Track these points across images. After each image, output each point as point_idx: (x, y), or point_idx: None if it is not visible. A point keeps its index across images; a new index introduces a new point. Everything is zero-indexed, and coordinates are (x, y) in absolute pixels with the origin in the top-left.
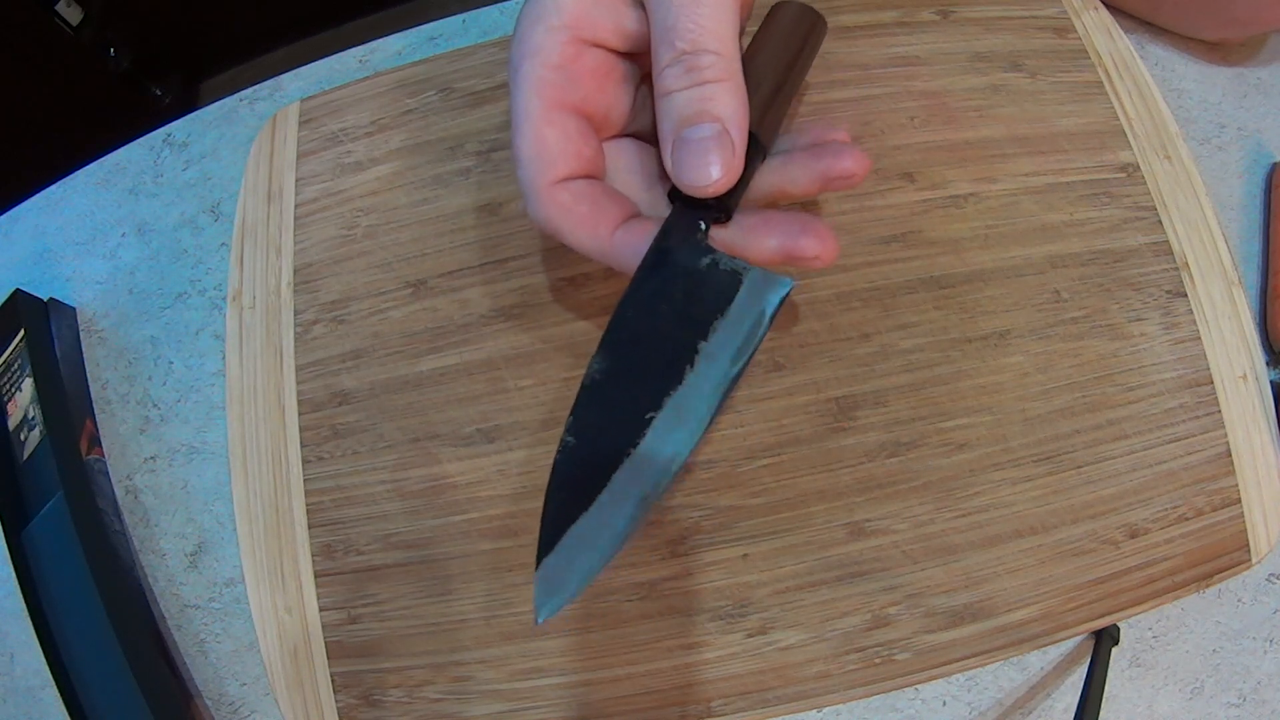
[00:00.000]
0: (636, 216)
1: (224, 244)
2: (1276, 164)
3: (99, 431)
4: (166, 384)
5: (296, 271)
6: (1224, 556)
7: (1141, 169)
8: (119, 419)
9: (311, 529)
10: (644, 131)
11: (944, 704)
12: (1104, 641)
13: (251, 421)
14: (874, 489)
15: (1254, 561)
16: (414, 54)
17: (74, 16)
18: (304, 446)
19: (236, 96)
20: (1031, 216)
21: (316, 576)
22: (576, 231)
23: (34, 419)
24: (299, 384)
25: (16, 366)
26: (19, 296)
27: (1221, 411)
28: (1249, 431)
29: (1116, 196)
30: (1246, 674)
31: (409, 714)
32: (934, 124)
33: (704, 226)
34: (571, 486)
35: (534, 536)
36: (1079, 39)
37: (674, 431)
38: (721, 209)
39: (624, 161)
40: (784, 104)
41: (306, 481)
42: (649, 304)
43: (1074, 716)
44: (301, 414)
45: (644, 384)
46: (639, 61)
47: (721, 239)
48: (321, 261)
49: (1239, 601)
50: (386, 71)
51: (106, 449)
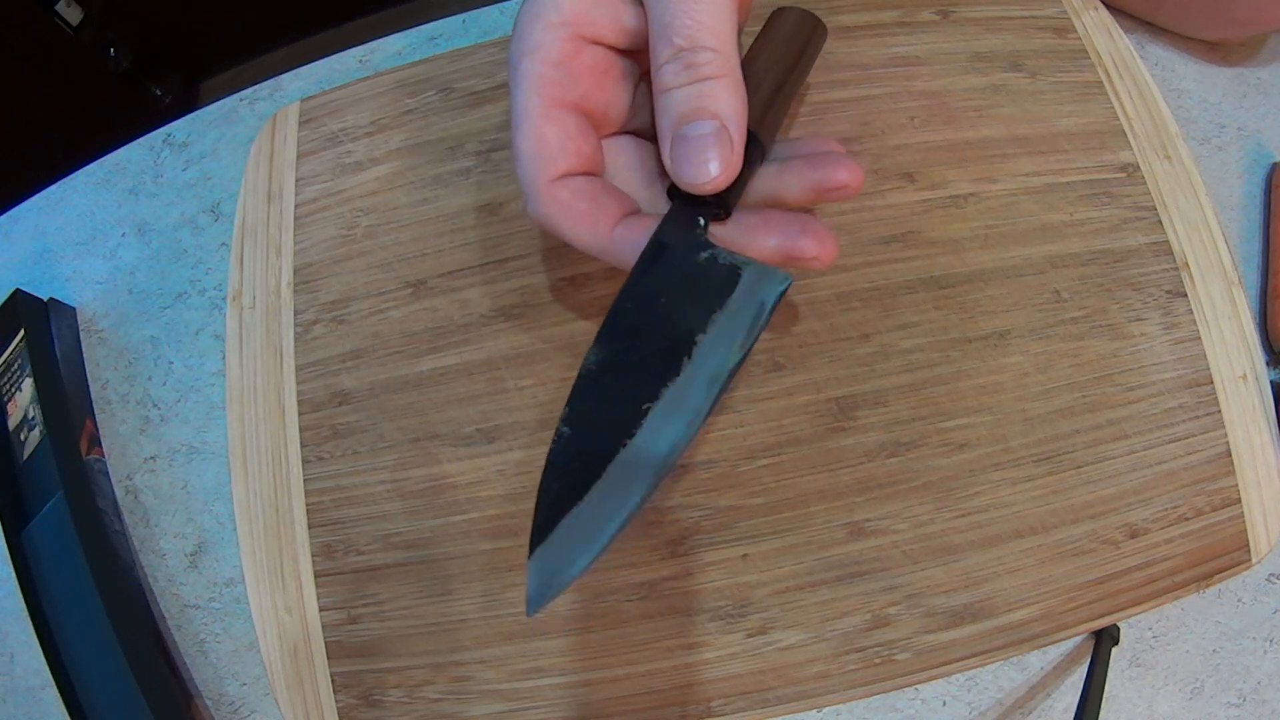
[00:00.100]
0: (636, 213)
1: (224, 244)
2: (1276, 164)
3: (99, 431)
4: (166, 384)
5: (296, 271)
6: (1224, 556)
7: (1141, 169)
8: (119, 419)
9: (311, 529)
10: (643, 129)
11: (944, 704)
12: (1104, 641)
13: (251, 421)
14: (874, 489)
15: (1254, 561)
16: (414, 54)
17: (74, 16)
18: (304, 446)
19: (236, 96)
20: (1031, 216)
21: (316, 576)
22: (576, 228)
23: (34, 419)
24: (299, 384)
25: (16, 366)
26: (19, 296)
27: (1221, 411)
28: (1249, 431)
29: (1116, 196)
30: (1246, 674)
31: (409, 714)
32: (934, 124)
33: (703, 223)
34: (566, 477)
35: None
36: (1079, 39)
37: (669, 424)
38: (721, 206)
39: (623, 158)
40: (784, 105)
41: (306, 481)
42: (647, 297)
43: (1074, 716)
44: (301, 414)
45: (641, 376)
46: (638, 59)
47: (721, 237)
48: (321, 261)
49: (1239, 601)
50: (386, 71)
51: (106, 449)
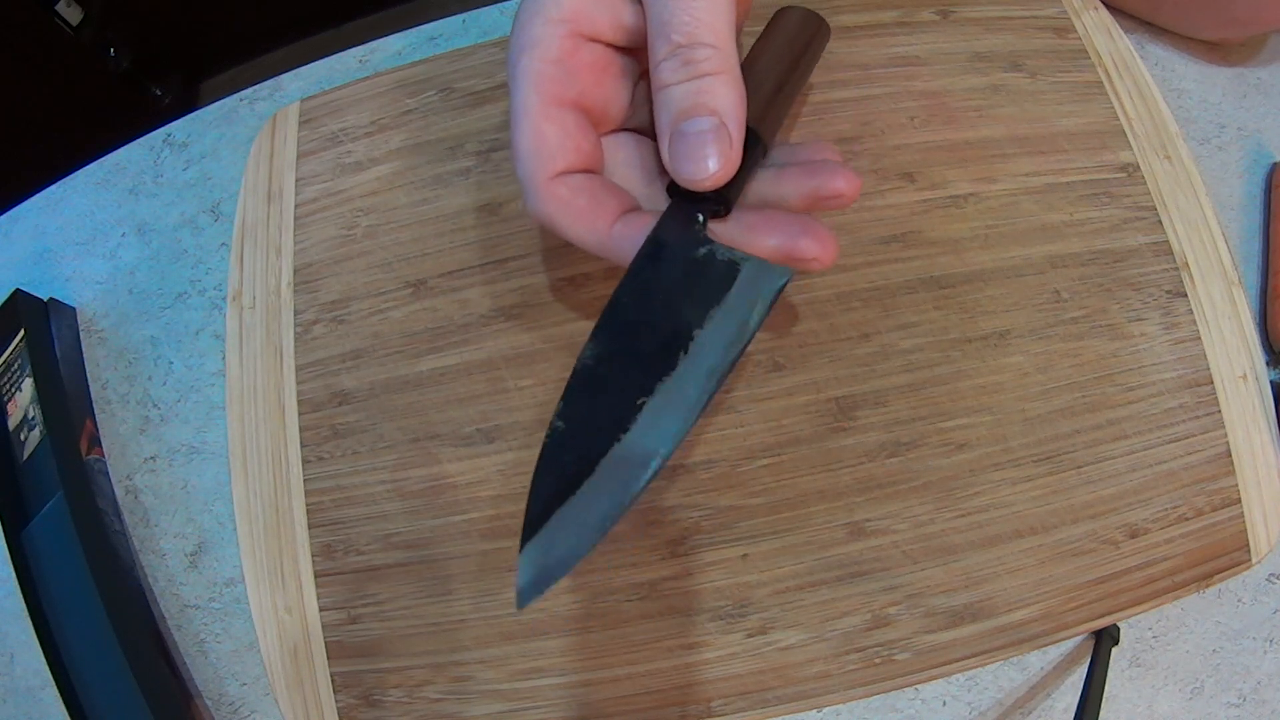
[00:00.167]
0: (635, 210)
1: (224, 244)
2: (1276, 164)
3: (99, 431)
4: (166, 384)
5: (296, 271)
6: (1224, 556)
7: (1141, 169)
8: (119, 419)
9: (311, 529)
10: (643, 126)
11: (944, 704)
12: (1104, 641)
13: (251, 421)
14: (874, 489)
15: (1254, 561)
16: (414, 54)
17: (74, 16)
18: (304, 446)
19: (236, 96)
20: (1031, 216)
21: (316, 576)
22: (575, 225)
23: (34, 419)
24: (299, 384)
25: (16, 366)
26: (19, 296)
27: (1221, 411)
28: (1249, 431)
29: (1116, 196)
30: (1246, 674)
31: (409, 714)
32: (934, 124)
33: (701, 219)
34: (559, 471)
35: None
36: (1079, 39)
37: (664, 418)
38: (720, 202)
39: (623, 155)
40: (785, 103)
41: (306, 481)
42: (644, 292)
43: (1074, 716)
44: (301, 414)
45: (636, 370)
46: (637, 56)
47: (720, 235)
48: (321, 261)
49: (1239, 601)
50: (386, 71)
51: (106, 449)
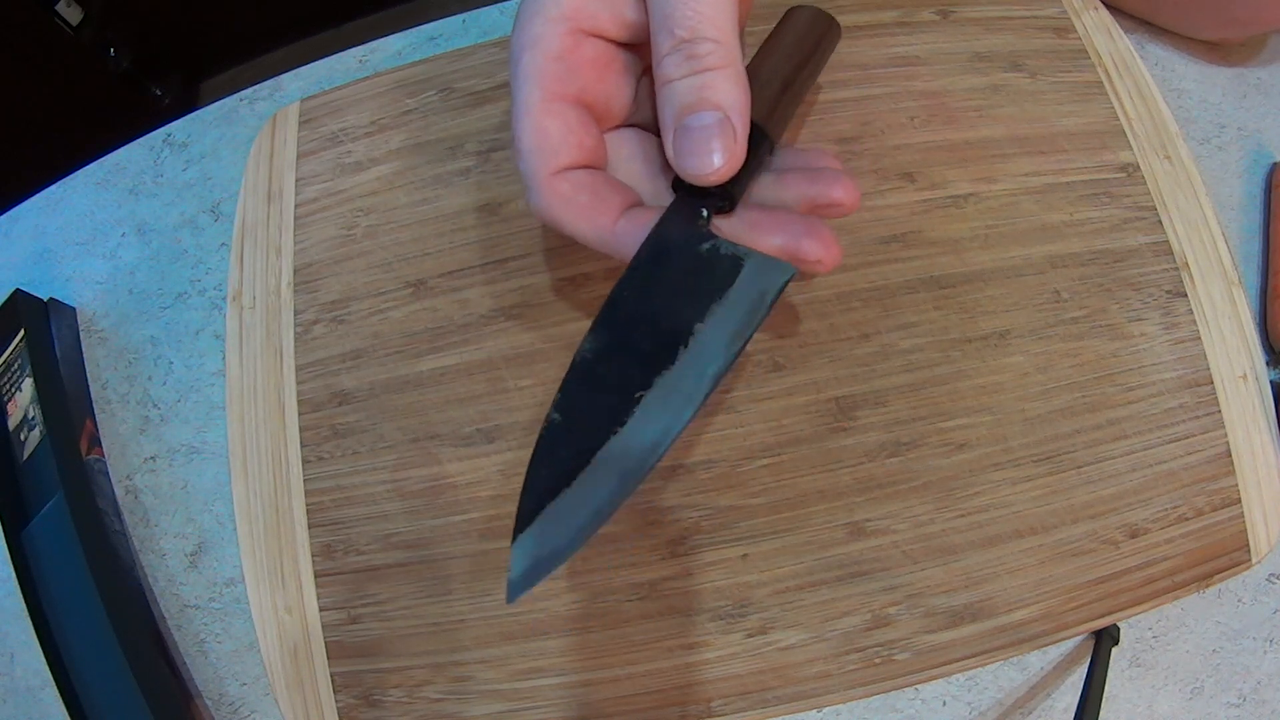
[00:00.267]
0: (638, 205)
1: (224, 244)
2: (1276, 164)
3: (99, 431)
4: (166, 384)
5: (296, 271)
6: (1224, 556)
7: (1141, 169)
8: (119, 419)
9: (311, 529)
10: (646, 123)
11: (944, 704)
12: (1104, 641)
13: (251, 421)
14: (874, 489)
15: (1254, 561)
16: (414, 54)
17: (74, 16)
18: (304, 446)
19: (236, 96)
20: (1031, 216)
21: (316, 576)
22: (578, 221)
23: (34, 419)
24: (299, 384)
25: (16, 366)
26: (19, 296)
27: (1221, 411)
28: (1249, 431)
29: (1116, 196)
30: (1246, 674)
31: (409, 714)
32: (934, 124)
33: (705, 214)
34: (554, 462)
35: None
36: (1079, 39)
37: (662, 412)
38: (725, 198)
39: (626, 152)
40: (793, 101)
41: (306, 481)
42: (646, 285)
43: (1074, 716)
44: (301, 414)
45: (636, 363)
46: (639, 53)
47: (724, 231)
48: (321, 261)
49: (1239, 601)
50: (386, 71)
51: (106, 449)
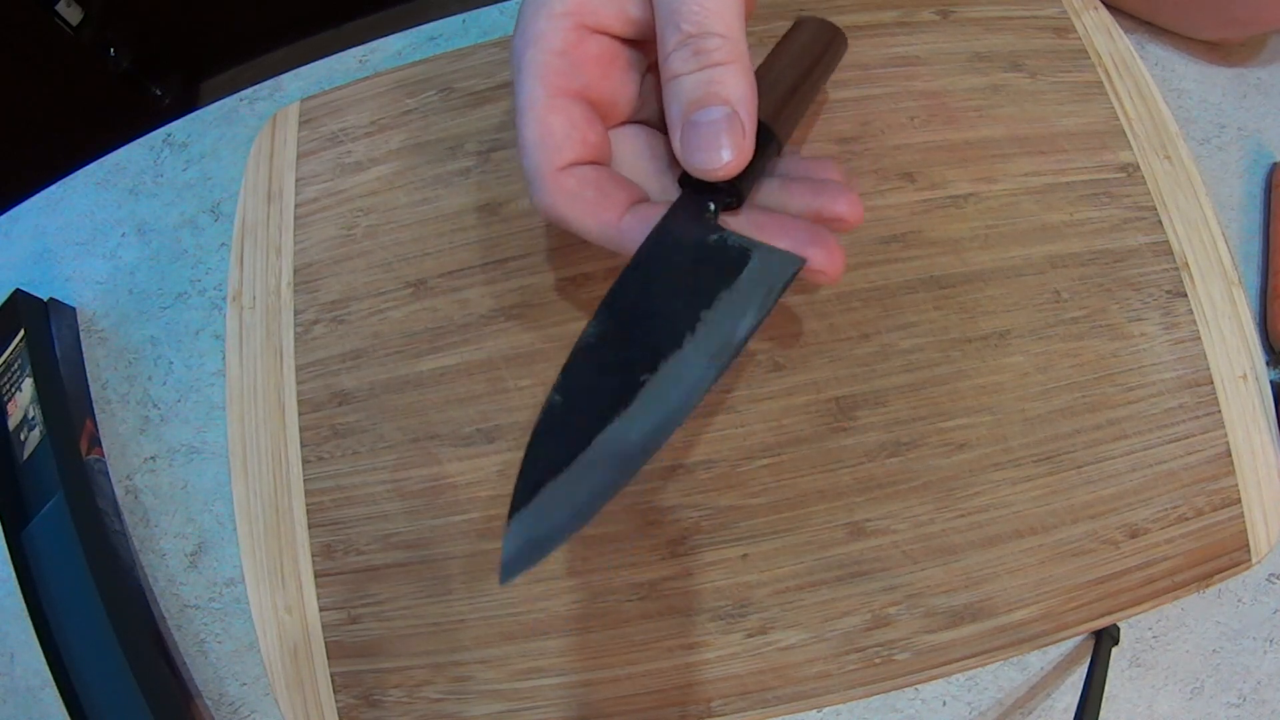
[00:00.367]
0: (644, 201)
1: (224, 244)
2: (1276, 164)
3: (99, 431)
4: (166, 384)
5: (296, 271)
6: (1224, 556)
7: (1141, 169)
8: (119, 419)
9: (311, 529)
10: (651, 119)
11: (944, 704)
12: (1104, 641)
13: (251, 421)
14: (874, 489)
15: (1254, 561)
16: (414, 54)
17: (74, 16)
18: (304, 446)
19: (236, 96)
20: (1031, 216)
21: (316, 576)
22: (583, 218)
23: (34, 419)
24: (299, 384)
25: (16, 366)
26: (19, 296)
27: (1221, 411)
28: (1249, 431)
29: (1116, 196)
30: (1246, 674)
31: (409, 714)
32: (934, 124)
33: (713, 208)
34: (553, 444)
35: None
36: (1079, 39)
37: (665, 398)
38: (733, 194)
39: (632, 148)
40: (800, 104)
41: (306, 481)
42: (652, 273)
43: (1074, 716)
44: (301, 414)
45: (641, 348)
46: (643, 49)
47: (730, 228)
48: (321, 261)
49: (1239, 601)
50: (386, 71)
51: (106, 449)
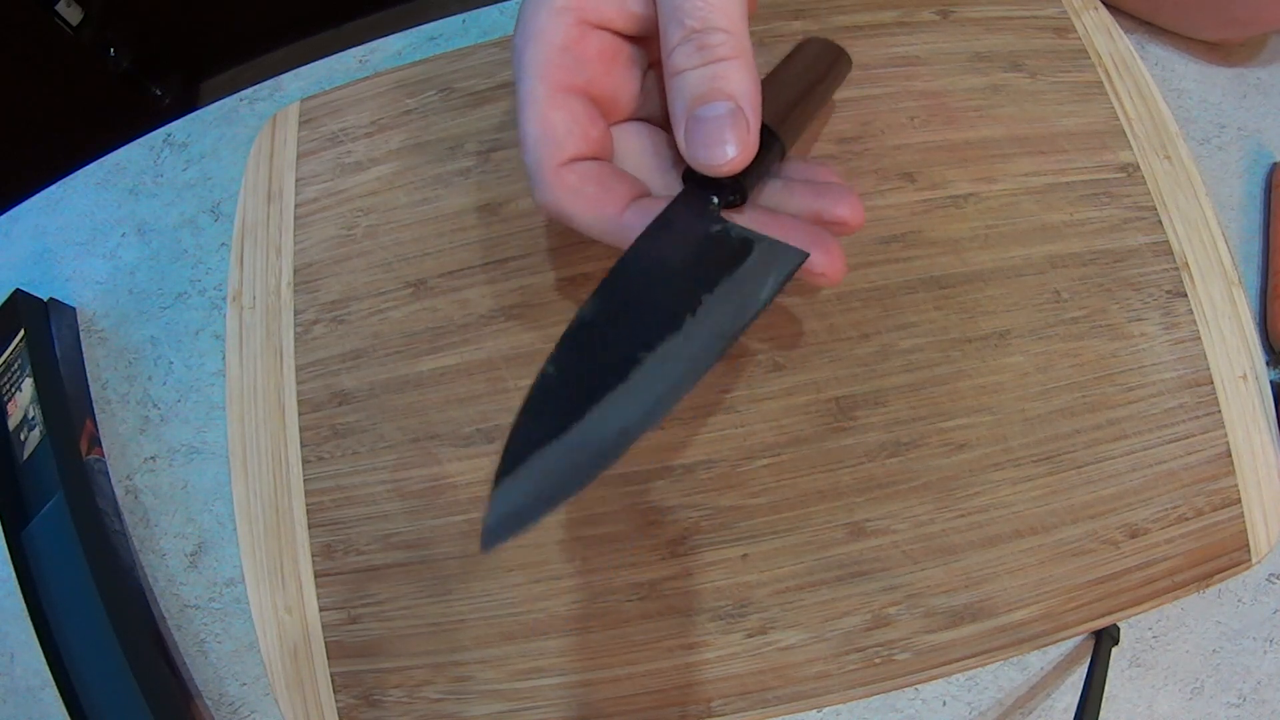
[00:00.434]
0: (646, 196)
1: (224, 244)
2: (1276, 164)
3: (99, 431)
4: (166, 384)
5: (296, 271)
6: (1224, 556)
7: (1141, 169)
8: (119, 419)
9: (311, 529)
10: (653, 116)
11: (944, 704)
12: (1104, 641)
13: (251, 421)
14: (874, 489)
15: (1254, 561)
16: (414, 54)
17: (74, 16)
18: (304, 446)
19: (236, 96)
20: (1031, 216)
21: (316, 576)
22: (585, 213)
23: (34, 419)
24: (299, 384)
25: (16, 366)
26: (19, 296)
27: (1221, 411)
28: (1249, 431)
29: (1116, 196)
30: (1246, 674)
31: (409, 714)
32: (934, 124)
33: (716, 202)
34: (544, 414)
35: (537, 538)
36: (1079, 39)
37: (664, 374)
38: (736, 190)
39: (634, 145)
40: (805, 114)
41: (306, 481)
42: (654, 257)
43: (1074, 716)
44: (301, 414)
45: (639, 326)
46: (645, 46)
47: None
48: (321, 261)
49: (1239, 601)
50: (386, 71)
51: (106, 449)
